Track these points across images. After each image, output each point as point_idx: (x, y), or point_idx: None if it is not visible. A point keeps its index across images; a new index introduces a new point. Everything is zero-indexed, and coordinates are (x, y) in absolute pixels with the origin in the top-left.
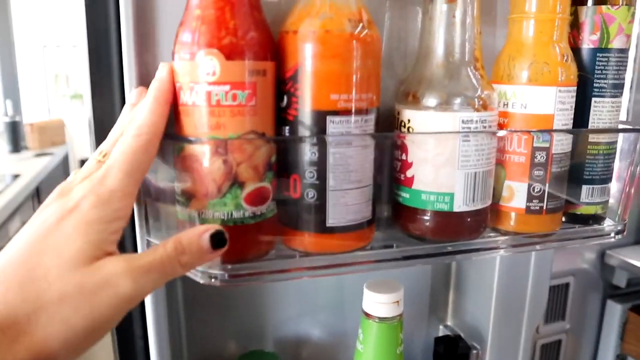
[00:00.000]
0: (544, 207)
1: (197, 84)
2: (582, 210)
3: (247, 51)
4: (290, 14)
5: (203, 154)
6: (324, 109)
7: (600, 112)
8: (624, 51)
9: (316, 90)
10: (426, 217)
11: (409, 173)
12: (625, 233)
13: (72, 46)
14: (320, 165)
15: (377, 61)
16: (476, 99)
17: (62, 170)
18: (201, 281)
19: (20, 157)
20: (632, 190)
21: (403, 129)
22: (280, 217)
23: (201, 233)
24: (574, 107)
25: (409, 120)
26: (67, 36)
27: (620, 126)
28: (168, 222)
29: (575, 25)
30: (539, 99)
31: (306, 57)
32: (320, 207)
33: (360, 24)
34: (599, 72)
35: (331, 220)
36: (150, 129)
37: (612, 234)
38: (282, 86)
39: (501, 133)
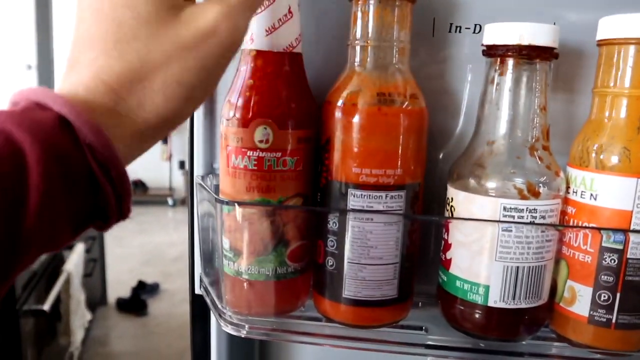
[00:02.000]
0: (613, 321)
1: (250, 149)
2: None
3: (296, 120)
4: (334, 86)
5: (253, 214)
6: (346, 181)
7: None
8: None
9: (340, 161)
10: (459, 306)
11: (448, 255)
12: None
13: (58, 67)
14: (340, 235)
15: (412, 136)
16: (524, 185)
17: None
18: (231, 332)
19: None
20: None
21: (447, 207)
22: (312, 280)
23: None
24: None
25: (451, 199)
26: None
27: None
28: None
29: None
30: (612, 190)
31: (336, 128)
32: (338, 276)
33: (392, 98)
34: None
35: (347, 292)
36: None
37: None
38: (319, 152)
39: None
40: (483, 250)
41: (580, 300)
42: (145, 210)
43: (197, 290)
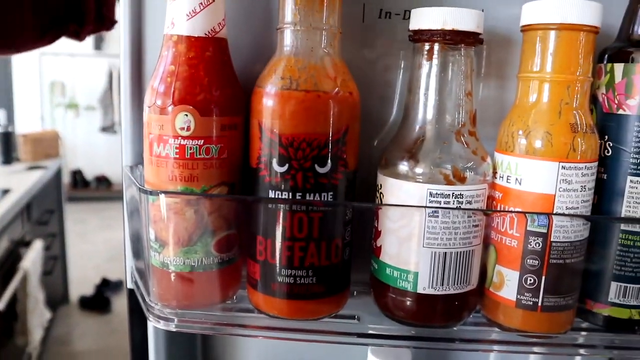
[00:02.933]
0: (539, 304)
1: (171, 137)
2: (611, 312)
3: (220, 107)
4: (263, 71)
5: (177, 204)
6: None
7: (639, 194)
8: None
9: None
10: (390, 294)
11: (378, 242)
12: None
13: (70, 55)
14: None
15: (343, 122)
16: (450, 170)
17: (54, 185)
18: (160, 326)
19: (11, 169)
20: None
21: (377, 195)
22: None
23: None
24: (590, 187)
25: (380, 186)
26: (65, 44)
27: None
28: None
29: (610, 86)
30: (535, 174)
31: (265, 114)
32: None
33: (322, 84)
34: (637, 144)
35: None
36: None
37: None
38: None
39: (449, 211)
40: (411, 236)
41: (508, 284)
42: (109, 205)
43: (130, 285)
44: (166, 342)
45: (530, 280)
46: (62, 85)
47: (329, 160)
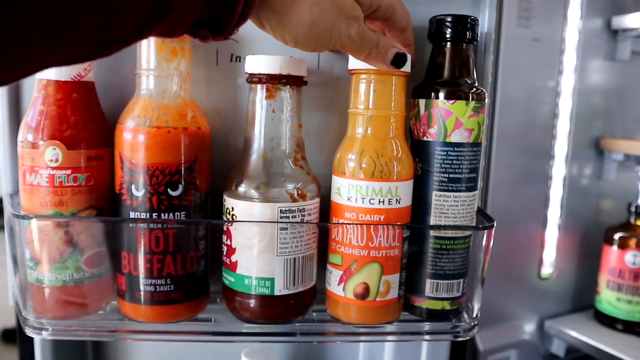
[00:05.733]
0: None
1: (42, 168)
2: (428, 304)
3: (85, 141)
4: (124, 109)
5: (47, 226)
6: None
7: (442, 205)
8: (464, 145)
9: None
10: (249, 301)
11: (233, 258)
12: (476, 331)
13: None
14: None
15: (193, 153)
16: (295, 190)
17: None
18: (34, 335)
19: None
20: (479, 287)
21: (227, 216)
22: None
23: (395, 45)
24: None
25: (232, 208)
26: None
27: (464, 222)
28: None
29: (417, 118)
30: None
31: (124, 147)
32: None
33: (172, 120)
34: (438, 165)
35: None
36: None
37: (461, 332)
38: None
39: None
40: (266, 248)
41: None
42: None
43: (11, 302)
44: (53, 355)
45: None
46: None
47: (181, 185)
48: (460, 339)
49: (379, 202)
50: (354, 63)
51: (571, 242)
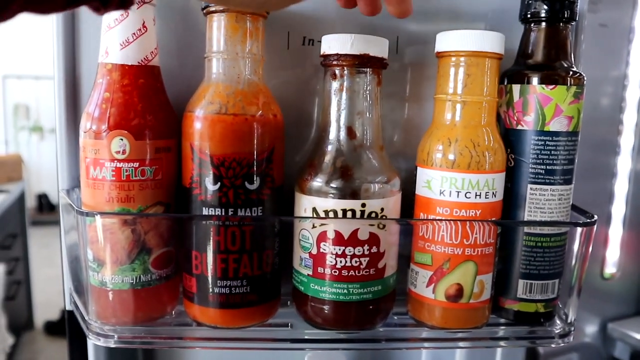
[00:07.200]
0: None
1: (107, 160)
2: (520, 307)
3: (153, 131)
4: (193, 96)
5: (114, 224)
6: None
7: (538, 200)
8: (562, 134)
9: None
10: (324, 306)
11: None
12: (571, 337)
13: (34, 77)
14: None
15: (267, 142)
16: (381, 184)
17: (17, 209)
18: (100, 343)
19: None
20: (577, 289)
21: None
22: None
23: None
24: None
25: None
26: (29, 67)
27: (561, 217)
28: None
29: (510, 105)
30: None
31: (195, 136)
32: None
33: (246, 107)
34: (534, 156)
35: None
36: None
37: (556, 338)
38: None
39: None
40: None
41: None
42: None
43: (69, 306)
44: (107, 356)
45: None
46: (26, 108)
47: (258, 178)
48: (553, 345)
49: (476, 195)
50: (442, 44)
51: (636, 241)
